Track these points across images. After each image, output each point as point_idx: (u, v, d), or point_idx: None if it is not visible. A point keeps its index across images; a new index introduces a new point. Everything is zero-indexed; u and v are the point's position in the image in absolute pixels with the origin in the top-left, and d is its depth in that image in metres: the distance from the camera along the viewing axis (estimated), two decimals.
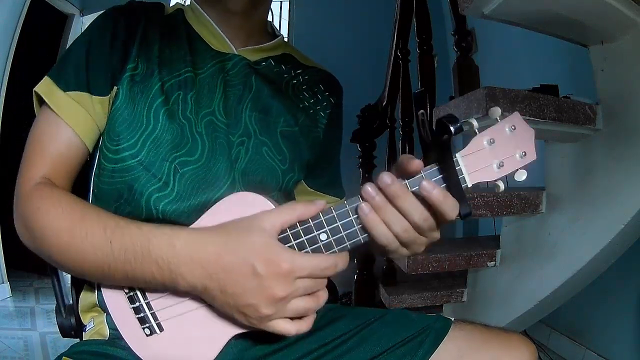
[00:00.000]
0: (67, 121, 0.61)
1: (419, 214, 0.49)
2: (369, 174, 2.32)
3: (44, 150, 0.61)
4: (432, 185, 0.48)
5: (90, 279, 0.59)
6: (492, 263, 1.39)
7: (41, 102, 0.63)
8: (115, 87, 0.62)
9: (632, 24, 1.04)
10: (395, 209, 0.49)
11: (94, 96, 0.62)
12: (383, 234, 0.50)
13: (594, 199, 1.16)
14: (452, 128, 0.47)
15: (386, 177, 0.49)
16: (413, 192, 0.50)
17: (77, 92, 0.61)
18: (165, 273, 0.51)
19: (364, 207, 0.50)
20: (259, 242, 0.50)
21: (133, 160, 0.61)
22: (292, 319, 0.52)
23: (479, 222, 2.93)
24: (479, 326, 0.65)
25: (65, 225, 0.54)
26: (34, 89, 0.63)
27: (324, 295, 0.53)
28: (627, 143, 1.08)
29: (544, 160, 1.31)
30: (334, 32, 3.76)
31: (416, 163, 0.51)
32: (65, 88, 0.61)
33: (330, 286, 0.56)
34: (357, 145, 2.33)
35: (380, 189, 0.49)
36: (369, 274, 1.92)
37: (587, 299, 1.61)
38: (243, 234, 0.50)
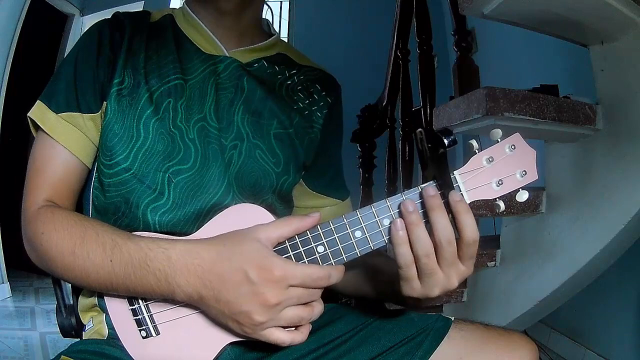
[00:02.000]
0: (62, 143, 0.62)
1: (447, 233, 0.50)
2: (369, 174, 2.32)
3: (44, 174, 0.62)
4: (458, 196, 0.50)
5: (98, 291, 0.62)
6: (492, 263, 1.39)
7: (36, 126, 0.64)
8: (104, 103, 0.63)
9: (632, 24, 1.04)
10: (430, 221, 0.50)
11: (84, 114, 0.63)
12: (404, 254, 0.51)
13: (593, 199, 1.16)
14: (445, 140, 0.48)
15: (431, 189, 0.51)
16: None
17: (68, 113, 0.63)
18: (163, 284, 0.52)
19: (398, 223, 0.51)
20: (253, 250, 0.50)
21: (127, 174, 0.62)
22: (286, 329, 0.53)
23: (479, 222, 2.92)
24: (479, 326, 0.65)
25: (67, 247, 0.55)
26: (28, 114, 0.64)
27: (318, 307, 0.54)
28: (627, 143, 1.08)
29: (544, 160, 1.31)
30: (334, 32, 3.76)
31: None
32: (57, 110, 0.63)
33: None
34: (357, 145, 2.33)
35: (421, 198, 0.51)
36: None
37: (587, 299, 1.61)
38: (237, 244, 0.51)
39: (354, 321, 0.66)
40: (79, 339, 0.68)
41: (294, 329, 0.54)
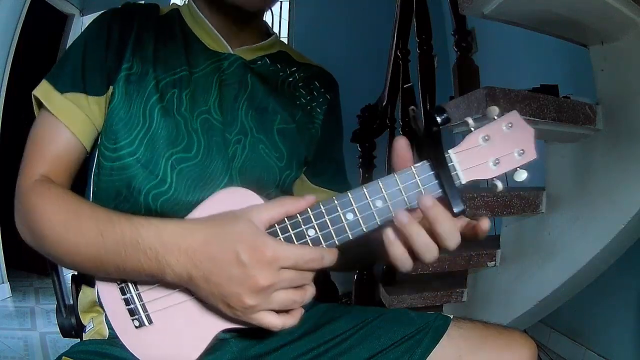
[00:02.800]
0: (65, 122, 0.62)
1: (456, 239, 0.49)
2: (369, 174, 2.32)
3: (43, 150, 0.62)
4: (431, 202, 0.47)
5: (85, 271, 0.60)
6: (492, 263, 1.39)
7: (40, 104, 0.64)
8: (111, 87, 0.63)
9: (632, 24, 1.04)
10: (435, 233, 0.48)
11: (90, 96, 0.63)
12: (399, 253, 0.50)
13: (594, 199, 1.16)
14: (438, 118, 0.47)
15: (429, 200, 0.48)
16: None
17: (73, 93, 0.62)
18: (153, 263, 0.51)
19: (390, 234, 0.49)
20: (245, 231, 0.50)
21: (131, 158, 0.62)
22: (278, 313, 0.52)
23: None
24: (478, 324, 0.65)
25: (60, 219, 0.55)
26: (33, 92, 0.64)
27: (310, 289, 0.52)
28: (627, 143, 1.08)
29: (544, 160, 1.31)
30: (334, 32, 3.76)
31: (405, 156, 0.51)
32: (62, 90, 0.63)
33: (331, 286, 0.56)
34: (357, 145, 2.33)
35: (414, 178, 0.50)
36: (369, 274, 1.92)
37: (587, 299, 1.61)
38: (229, 224, 0.51)
39: (353, 319, 0.67)
40: (79, 340, 0.68)
41: (285, 312, 0.52)
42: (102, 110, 0.64)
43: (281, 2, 4.06)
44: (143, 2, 0.73)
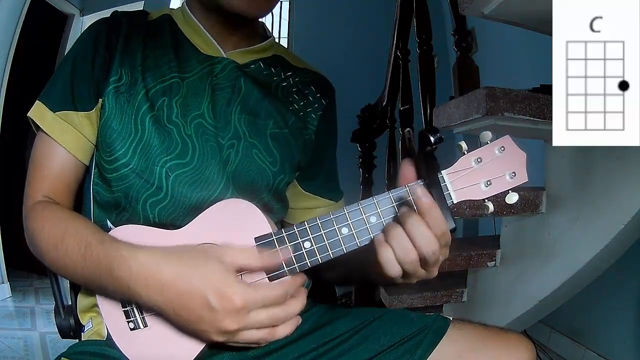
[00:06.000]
0: (59, 141, 0.64)
1: (431, 245, 0.50)
2: (369, 174, 2.32)
3: (42, 171, 0.64)
4: (423, 192, 0.49)
5: (81, 285, 0.64)
6: (492, 263, 1.39)
7: (37, 125, 0.65)
8: (100, 100, 0.64)
9: None
10: (410, 237, 0.50)
11: (79, 112, 0.64)
12: (388, 257, 0.51)
13: (594, 198, 1.15)
14: (432, 138, 0.49)
15: (405, 207, 0.52)
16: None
17: (64, 111, 0.64)
18: (125, 291, 0.52)
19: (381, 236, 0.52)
20: (214, 273, 0.50)
21: (126, 169, 0.62)
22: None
23: (479, 222, 2.93)
24: (477, 326, 0.66)
25: (51, 243, 0.58)
26: (28, 114, 0.65)
27: (281, 330, 0.54)
28: None
29: (544, 160, 1.31)
30: (334, 33, 3.76)
31: (408, 176, 0.53)
32: (54, 109, 0.64)
33: (328, 286, 0.56)
34: (357, 145, 2.33)
35: (408, 196, 0.52)
36: None
37: (587, 299, 1.61)
38: (200, 263, 0.51)
39: (353, 320, 0.67)
40: (77, 340, 0.68)
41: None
42: (93, 124, 0.65)
43: (281, 2, 4.06)
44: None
